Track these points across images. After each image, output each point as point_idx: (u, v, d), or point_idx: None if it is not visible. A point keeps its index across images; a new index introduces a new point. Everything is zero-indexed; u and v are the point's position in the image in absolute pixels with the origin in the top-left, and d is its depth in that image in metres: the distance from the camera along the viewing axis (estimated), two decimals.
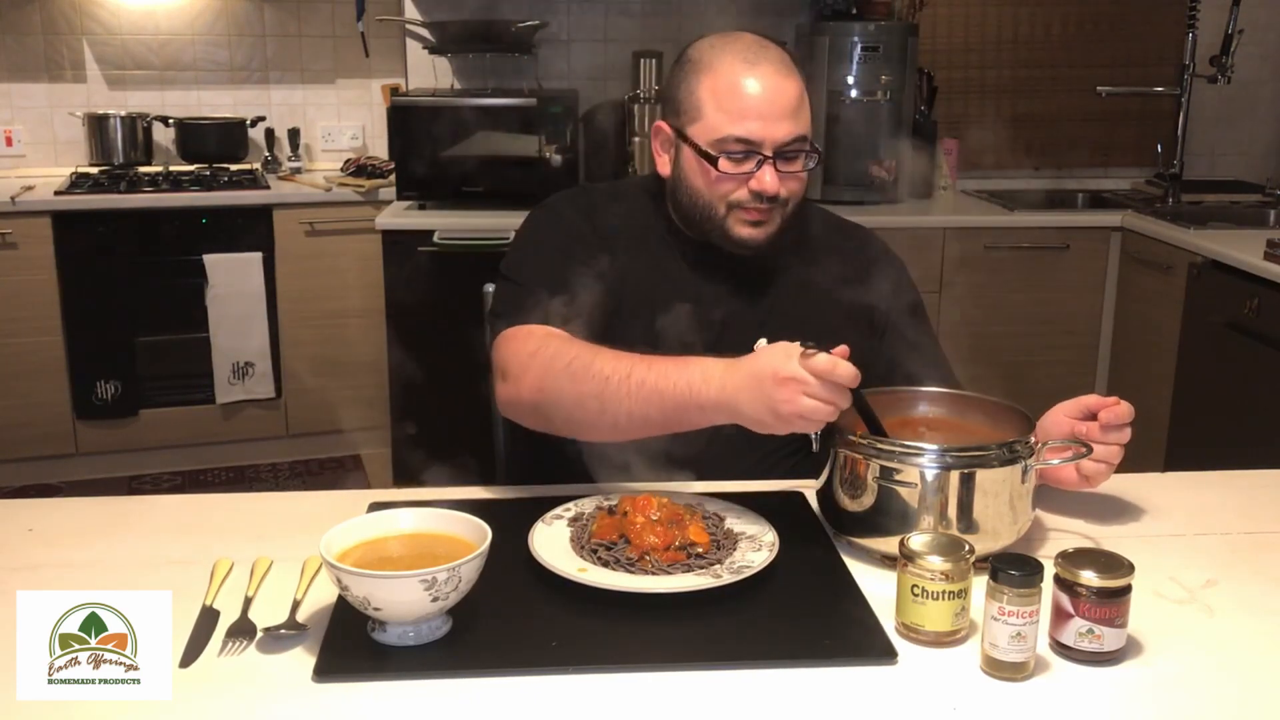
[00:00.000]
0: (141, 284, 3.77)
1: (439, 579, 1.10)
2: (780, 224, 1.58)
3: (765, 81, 1.53)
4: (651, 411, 1.37)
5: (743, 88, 1.53)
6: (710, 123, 1.54)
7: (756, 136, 1.52)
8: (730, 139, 1.52)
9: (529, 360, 1.46)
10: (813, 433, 1.35)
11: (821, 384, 1.26)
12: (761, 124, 1.52)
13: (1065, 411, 1.47)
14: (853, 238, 1.77)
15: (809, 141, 1.56)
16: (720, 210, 1.57)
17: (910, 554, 1.15)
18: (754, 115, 1.52)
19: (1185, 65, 3.89)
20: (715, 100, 1.54)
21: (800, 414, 1.27)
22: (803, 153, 1.56)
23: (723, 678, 1.09)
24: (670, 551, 1.27)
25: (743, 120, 1.52)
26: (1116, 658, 1.13)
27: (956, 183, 4.06)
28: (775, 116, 1.52)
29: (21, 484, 3.78)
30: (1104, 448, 1.42)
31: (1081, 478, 1.42)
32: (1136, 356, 3.64)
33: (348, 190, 3.89)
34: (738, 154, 1.53)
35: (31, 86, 4.11)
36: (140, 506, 1.56)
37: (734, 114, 1.52)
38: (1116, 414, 1.43)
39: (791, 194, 1.57)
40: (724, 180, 1.55)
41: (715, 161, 1.53)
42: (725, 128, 1.52)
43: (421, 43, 3.94)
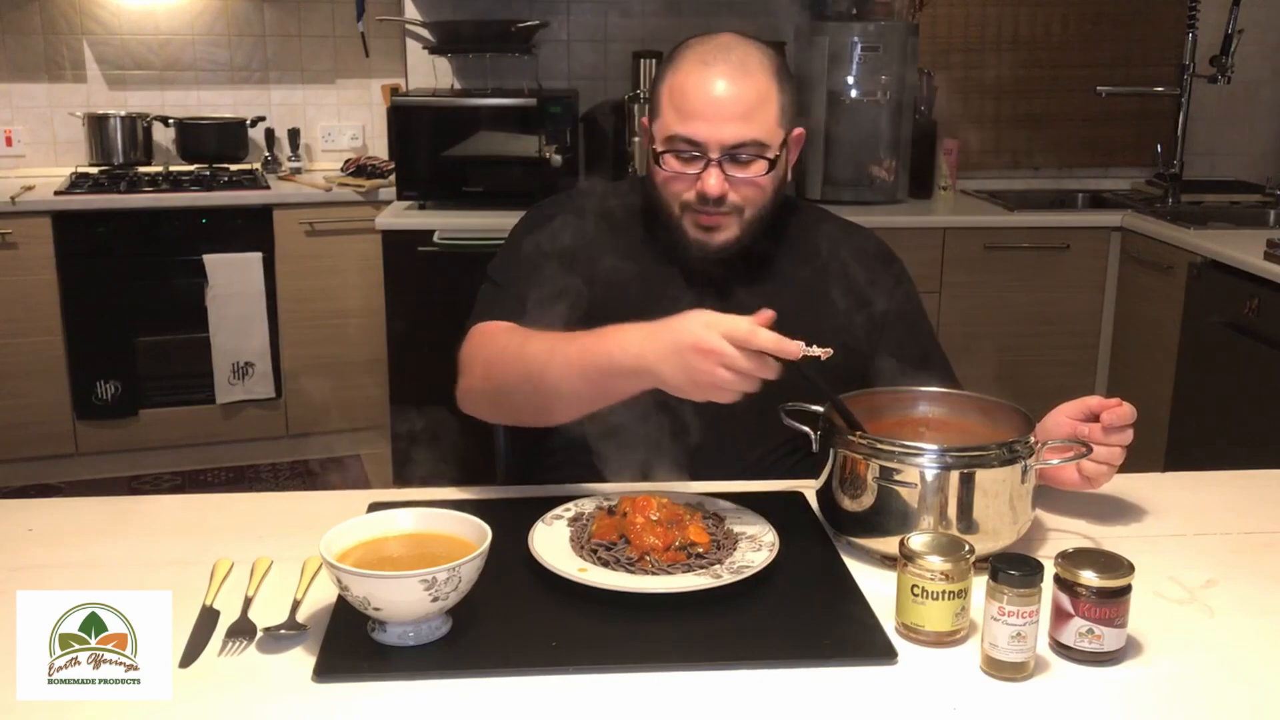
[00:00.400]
0: (141, 284, 3.77)
1: (439, 579, 1.10)
2: (739, 231, 1.56)
3: (716, 83, 1.51)
4: (580, 386, 1.37)
5: (693, 88, 1.51)
6: (664, 120, 1.54)
7: (701, 137, 1.50)
8: (677, 138, 1.52)
9: (478, 352, 1.51)
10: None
11: (742, 354, 1.25)
12: (706, 125, 1.50)
13: (1067, 413, 1.46)
14: (852, 237, 1.76)
15: (765, 147, 1.52)
16: (675, 211, 1.56)
17: (910, 554, 1.15)
18: (700, 116, 1.50)
19: (1185, 65, 3.89)
20: (670, 98, 1.54)
21: (716, 384, 1.27)
22: (756, 158, 1.53)
23: (723, 678, 1.09)
24: (670, 552, 1.27)
25: (689, 120, 1.51)
26: (1116, 658, 1.13)
27: (956, 183, 4.06)
28: (721, 119, 1.50)
29: (21, 484, 3.78)
30: (1105, 449, 1.42)
31: (1083, 478, 1.42)
32: (1136, 356, 3.64)
33: (348, 190, 3.89)
34: (684, 154, 1.52)
35: (31, 86, 4.11)
36: (140, 506, 1.56)
37: (682, 113, 1.51)
38: (1119, 415, 1.42)
39: (746, 200, 1.55)
40: (673, 180, 1.54)
41: (662, 160, 1.54)
42: (674, 126, 1.52)
43: (421, 43, 3.94)
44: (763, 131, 1.52)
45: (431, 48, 3.88)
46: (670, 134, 1.52)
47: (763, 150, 1.52)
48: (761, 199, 1.56)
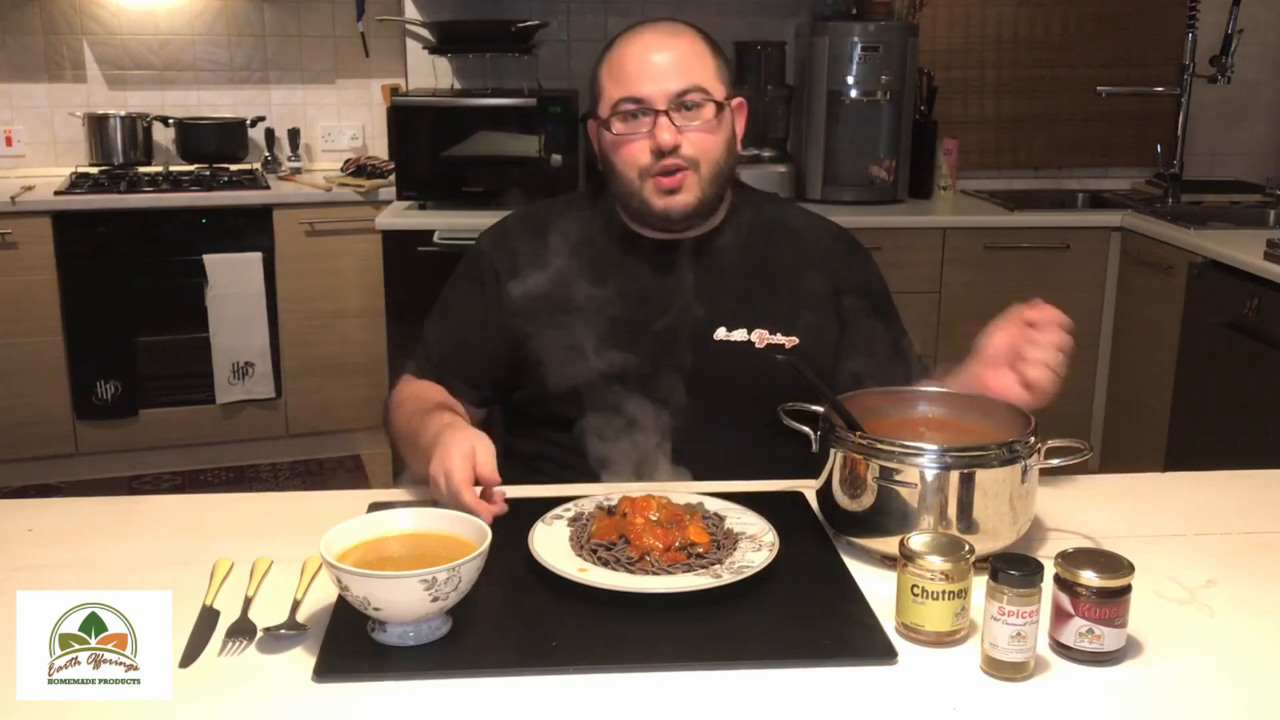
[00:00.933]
0: (141, 284, 3.77)
1: (439, 579, 1.10)
2: (699, 191, 1.59)
3: (647, 43, 1.58)
4: (418, 454, 1.45)
5: (628, 56, 1.58)
6: (607, 95, 1.59)
7: (645, 93, 1.55)
8: (623, 100, 1.56)
9: (393, 410, 1.64)
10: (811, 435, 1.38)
11: (446, 487, 1.31)
12: (648, 81, 1.55)
13: (1000, 327, 1.50)
14: (814, 227, 1.77)
15: (709, 93, 1.57)
16: (636, 182, 1.59)
17: (910, 554, 1.15)
18: (637, 76, 1.56)
19: (1185, 65, 3.89)
20: (609, 75, 1.59)
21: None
22: (703, 103, 1.56)
23: (723, 678, 1.09)
24: (670, 552, 1.27)
25: (630, 82, 1.56)
26: (1116, 658, 1.13)
27: (956, 183, 4.06)
28: (662, 73, 1.55)
29: (21, 484, 3.78)
30: (1040, 351, 1.46)
31: (1025, 387, 1.46)
32: (1136, 356, 3.64)
33: (348, 190, 3.89)
34: (632, 113, 1.56)
35: (31, 86, 4.12)
36: (140, 506, 1.56)
37: (620, 79, 1.57)
38: (1044, 314, 1.47)
39: (700, 150, 1.58)
40: (627, 144, 1.57)
41: (610, 125, 1.57)
42: (616, 93, 1.57)
43: (421, 43, 3.94)
44: (703, 79, 1.57)
45: (431, 48, 3.88)
46: (614, 100, 1.57)
47: (708, 95, 1.56)
48: (715, 150, 1.59)
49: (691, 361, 1.59)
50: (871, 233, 3.56)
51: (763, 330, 1.63)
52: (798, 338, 1.64)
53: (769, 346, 1.63)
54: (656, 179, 1.57)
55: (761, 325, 1.63)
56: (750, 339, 1.63)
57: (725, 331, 1.62)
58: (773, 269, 1.67)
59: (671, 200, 1.58)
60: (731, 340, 1.62)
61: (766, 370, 1.60)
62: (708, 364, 1.60)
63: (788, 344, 1.63)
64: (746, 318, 1.63)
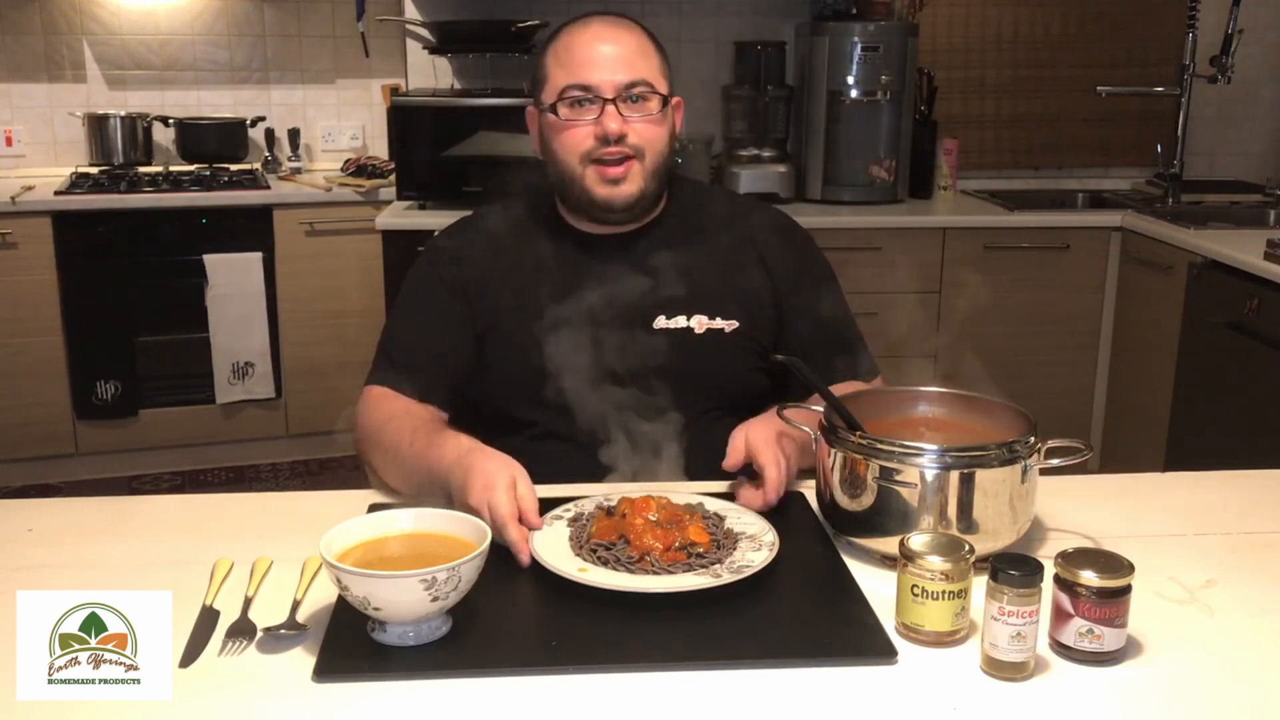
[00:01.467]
0: (141, 284, 3.77)
1: (439, 579, 1.10)
2: (642, 182, 1.60)
3: (597, 33, 1.60)
4: (421, 476, 1.45)
5: (577, 45, 1.59)
6: (553, 81, 1.60)
7: (591, 81, 1.56)
8: (569, 88, 1.57)
9: (356, 423, 1.62)
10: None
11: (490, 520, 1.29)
12: (595, 69, 1.57)
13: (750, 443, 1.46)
14: (754, 213, 1.77)
15: (654, 86, 1.59)
16: (578, 168, 1.60)
17: (910, 554, 1.15)
18: (586, 63, 1.57)
19: (1185, 65, 3.89)
20: (556, 61, 1.61)
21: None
22: (650, 95, 1.58)
23: (723, 678, 1.09)
24: (670, 552, 1.27)
25: (578, 69, 1.57)
26: (1116, 658, 1.13)
27: (956, 183, 4.06)
28: (608, 62, 1.57)
29: (21, 484, 3.78)
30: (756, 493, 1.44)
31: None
32: (1136, 356, 3.64)
33: (348, 190, 3.89)
34: (579, 100, 1.57)
35: (31, 86, 4.12)
36: (140, 506, 1.56)
37: (569, 66, 1.58)
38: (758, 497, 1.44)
39: (645, 141, 1.59)
40: (572, 130, 1.58)
41: (557, 110, 1.58)
42: (562, 80, 1.58)
43: (421, 43, 3.94)
44: (649, 73, 1.59)
45: (431, 48, 3.88)
46: (560, 87, 1.58)
47: (653, 88, 1.59)
48: (659, 143, 1.61)
49: (634, 351, 1.60)
50: (871, 233, 3.58)
51: (702, 316, 1.64)
52: (738, 321, 1.65)
53: (708, 331, 1.64)
54: (600, 167, 1.58)
55: (701, 311, 1.64)
56: (690, 325, 1.64)
57: (665, 319, 1.63)
58: (709, 255, 1.68)
59: (614, 190, 1.59)
60: (671, 327, 1.63)
61: (708, 355, 1.63)
62: (650, 352, 1.61)
63: (728, 328, 1.65)
64: (685, 304, 1.64)
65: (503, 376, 1.65)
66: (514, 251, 1.68)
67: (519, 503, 1.32)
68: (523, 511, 1.32)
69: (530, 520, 1.33)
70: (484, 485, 1.32)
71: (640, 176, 1.60)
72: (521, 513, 1.32)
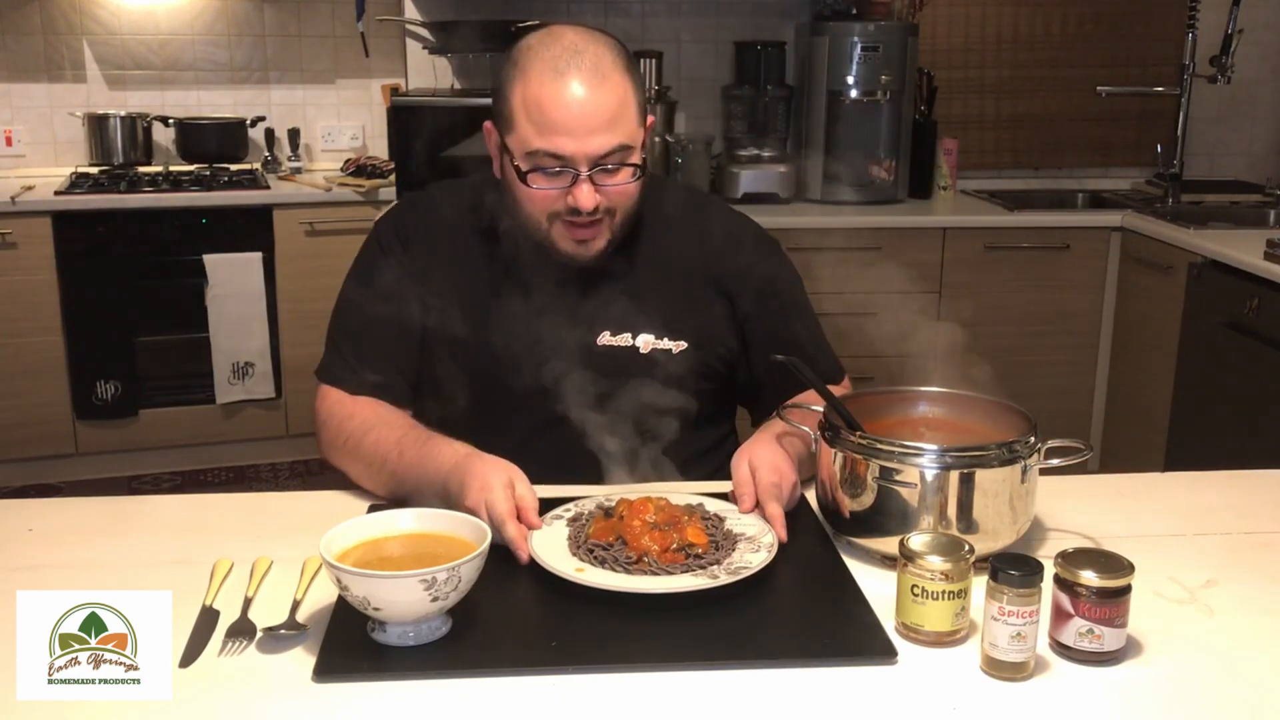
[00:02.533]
0: (141, 284, 3.77)
1: (439, 579, 1.10)
2: (611, 234, 1.53)
3: (574, 94, 1.43)
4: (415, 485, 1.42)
5: (550, 101, 1.44)
6: (521, 135, 1.46)
7: (567, 152, 1.44)
8: (541, 153, 1.45)
9: (319, 428, 1.59)
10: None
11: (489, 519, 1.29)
12: (571, 139, 1.44)
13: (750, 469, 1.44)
14: (713, 223, 1.67)
15: (631, 150, 1.48)
16: (544, 224, 1.51)
17: (910, 554, 1.15)
18: (562, 131, 1.43)
19: (1185, 65, 3.89)
20: (525, 112, 1.46)
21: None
22: (625, 165, 1.48)
23: (723, 678, 1.09)
24: (669, 553, 1.27)
25: (551, 136, 1.44)
26: (1116, 658, 1.13)
27: (956, 183, 4.06)
28: (585, 131, 1.44)
29: (21, 484, 3.78)
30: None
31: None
32: (1136, 356, 3.64)
33: (348, 190, 3.89)
34: (551, 170, 1.46)
35: (31, 86, 4.11)
36: (140, 506, 1.56)
37: (542, 128, 1.44)
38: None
39: (617, 204, 1.51)
40: (542, 195, 1.48)
41: (526, 178, 1.47)
42: (535, 141, 1.45)
43: (421, 43, 3.94)
44: (627, 135, 1.47)
45: (431, 48, 3.88)
46: (532, 149, 1.45)
47: (628, 155, 1.48)
48: (629, 203, 1.53)
49: (576, 369, 1.55)
50: (871, 233, 3.58)
51: (648, 335, 1.59)
52: (686, 341, 1.59)
53: (654, 351, 1.59)
54: (569, 228, 1.50)
55: (648, 330, 1.59)
56: (635, 344, 1.58)
57: (609, 336, 1.58)
58: (662, 271, 1.62)
59: (581, 249, 1.53)
60: (615, 345, 1.58)
61: (650, 375, 1.57)
62: (591, 371, 1.55)
63: (675, 349, 1.59)
64: (631, 323, 1.59)
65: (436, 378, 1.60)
66: (464, 246, 1.61)
67: (517, 502, 1.32)
68: (521, 510, 1.32)
69: (529, 519, 1.32)
70: (481, 486, 1.31)
71: (608, 231, 1.53)
72: (520, 511, 1.31)
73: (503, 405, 1.57)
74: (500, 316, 1.57)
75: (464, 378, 1.58)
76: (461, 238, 1.62)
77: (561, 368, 1.54)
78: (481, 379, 1.57)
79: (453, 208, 1.65)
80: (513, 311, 1.57)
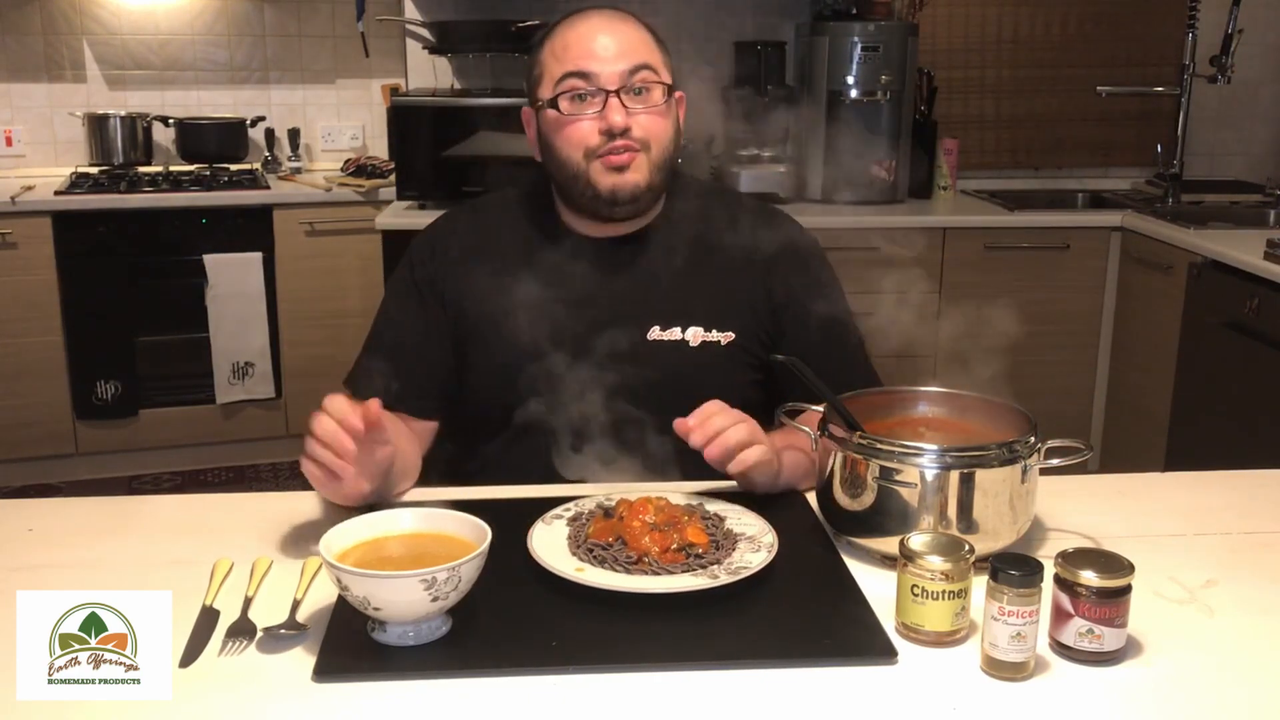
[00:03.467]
0: (141, 284, 3.77)
1: (439, 579, 1.10)
2: (648, 173, 1.56)
3: (595, 23, 1.55)
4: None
5: (574, 37, 1.55)
6: (550, 74, 1.55)
7: (591, 69, 1.52)
8: (569, 75, 1.53)
9: None
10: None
11: (316, 444, 1.30)
12: (594, 60, 1.52)
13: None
14: (758, 221, 1.70)
15: (658, 72, 1.55)
16: (582, 164, 1.55)
17: (910, 554, 1.15)
18: (586, 53, 1.53)
19: (1185, 65, 3.89)
20: (552, 54, 1.56)
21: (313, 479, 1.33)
22: (653, 85, 1.54)
23: (723, 678, 1.09)
24: (669, 553, 1.27)
25: (576, 60, 1.53)
26: (1116, 658, 1.13)
27: (956, 183, 4.06)
28: (609, 51, 1.53)
29: (21, 484, 3.79)
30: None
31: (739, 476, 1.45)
32: (1136, 356, 3.64)
33: (348, 190, 3.90)
34: (579, 92, 1.53)
35: (31, 86, 4.12)
36: (140, 506, 1.56)
37: (567, 57, 1.54)
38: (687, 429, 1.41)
39: (650, 134, 1.55)
40: (574, 125, 1.54)
41: (557, 104, 1.54)
42: (560, 70, 1.54)
43: (421, 43, 3.94)
44: (652, 58, 1.55)
45: (431, 48, 3.88)
46: (559, 77, 1.53)
47: (656, 75, 1.55)
48: (664, 136, 1.57)
49: (627, 362, 1.56)
50: (871, 233, 3.57)
51: (697, 328, 1.61)
52: (734, 333, 1.62)
53: (703, 344, 1.61)
54: (605, 158, 1.54)
55: (696, 323, 1.61)
56: (685, 337, 1.61)
57: (659, 330, 1.60)
58: (709, 264, 1.64)
59: (620, 178, 1.55)
60: (665, 339, 1.60)
61: (701, 368, 1.59)
62: (642, 364, 1.57)
63: (724, 340, 1.61)
64: (681, 316, 1.61)
65: (485, 379, 1.62)
66: (505, 250, 1.64)
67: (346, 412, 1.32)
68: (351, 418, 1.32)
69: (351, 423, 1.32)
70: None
71: (646, 167, 1.55)
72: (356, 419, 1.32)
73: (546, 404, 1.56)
74: (545, 317, 1.58)
75: (512, 382, 1.58)
76: (498, 246, 1.65)
77: (614, 365, 1.56)
78: (528, 381, 1.57)
79: (487, 219, 1.69)
80: (558, 311, 1.58)
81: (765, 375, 1.66)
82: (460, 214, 1.73)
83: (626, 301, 1.60)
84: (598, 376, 1.55)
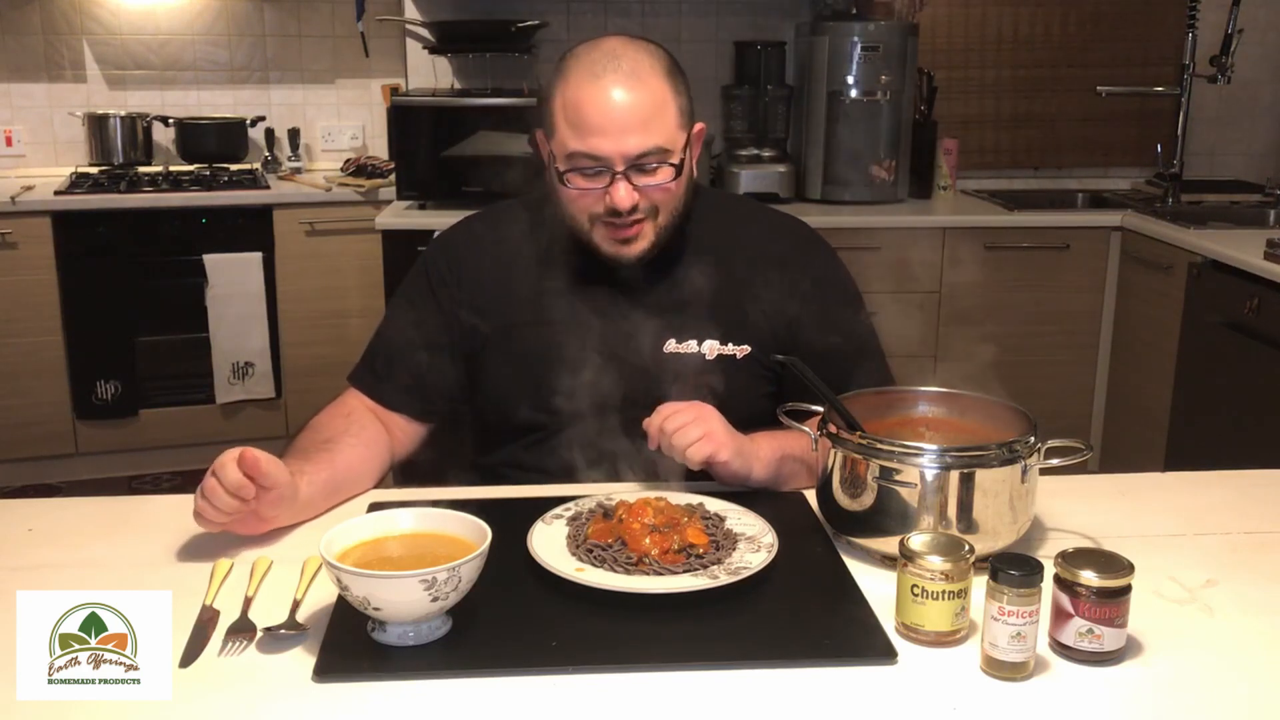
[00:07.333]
0: (141, 284, 3.77)
1: (439, 579, 1.10)
2: (654, 237, 1.55)
3: (608, 96, 1.48)
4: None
5: (585, 103, 1.48)
6: (561, 138, 1.51)
7: (603, 152, 1.48)
8: (579, 155, 1.49)
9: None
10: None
11: (209, 506, 1.34)
12: (605, 139, 1.47)
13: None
14: (772, 230, 1.71)
15: (669, 153, 1.51)
16: (586, 225, 1.55)
17: (910, 554, 1.15)
18: (597, 131, 1.47)
19: (1185, 65, 3.89)
20: (564, 115, 1.50)
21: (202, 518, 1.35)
22: (662, 165, 1.51)
23: (723, 678, 1.09)
24: (669, 553, 1.27)
25: (587, 136, 1.48)
26: (1116, 658, 1.13)
27: (956, 183, 4.06)
28: (619, 131, 1.47)
29: (21, 484, 3.78)
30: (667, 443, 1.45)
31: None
32: (1136, 356, 3.64)
33: (348, 190, 3.89)
34: (588, 170, 1.50)
35: (31, 86, 4.12)
36: (140, 506, 1.56)
37: (579, 130, 1.49)
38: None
39: (659, 203, 1.53)
40: (581, 195, 1.52)
41: (565, 179, 1.51)
42: (572, 143, 1.49)
43: (421, 43, 3.94)
44: (664, 137, 1.50)
45: (431, 48, 3.88)
46: (570, 151, 1.50)
47: (666, 156, 1.51)
48: (673, 203, 1.56)
49: (642, 374, 1.57)
50: (871, 233, 3.58)
51: (713, 341, 1.61)
52: (750, 346, 1.62)
53: (719, 357, 1.61)
54: (609, 229, 1.53)
55: (712, 336, 1.61)
56: (700, 350, 1.60)
57: (675, 343, 1.60)
58: (725, 277, 1.63)
59: (625, 249, 1.55)
60: (681, 352, 1.60)
61: (716, 380, 1.58)
62: (657, 376, 1.57)
63: (739, 354, 1.61)
64: (697, 329, 1.60)
65: (502, 387, 1.63)
66: (524, 262, 1.64)
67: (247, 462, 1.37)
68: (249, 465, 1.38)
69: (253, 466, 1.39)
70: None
71: (653, 233, 1.55)
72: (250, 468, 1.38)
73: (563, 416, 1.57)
74: (561, 327, 1.59)
75: (528, 390, 1.59)
76: (516, 255, 1.65)
77: (628, 376, 1.56)
78: (544, 390, 1.57)
79: (506, 227, 1.68)
80: (573, 322, 1.59)
81: (780, 387, 1.66)
82: (478, 224, 1.73)
83: (643, 313, 1.60)
84: (613, 387, 1.55)
